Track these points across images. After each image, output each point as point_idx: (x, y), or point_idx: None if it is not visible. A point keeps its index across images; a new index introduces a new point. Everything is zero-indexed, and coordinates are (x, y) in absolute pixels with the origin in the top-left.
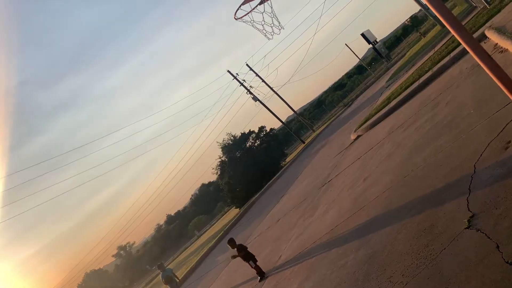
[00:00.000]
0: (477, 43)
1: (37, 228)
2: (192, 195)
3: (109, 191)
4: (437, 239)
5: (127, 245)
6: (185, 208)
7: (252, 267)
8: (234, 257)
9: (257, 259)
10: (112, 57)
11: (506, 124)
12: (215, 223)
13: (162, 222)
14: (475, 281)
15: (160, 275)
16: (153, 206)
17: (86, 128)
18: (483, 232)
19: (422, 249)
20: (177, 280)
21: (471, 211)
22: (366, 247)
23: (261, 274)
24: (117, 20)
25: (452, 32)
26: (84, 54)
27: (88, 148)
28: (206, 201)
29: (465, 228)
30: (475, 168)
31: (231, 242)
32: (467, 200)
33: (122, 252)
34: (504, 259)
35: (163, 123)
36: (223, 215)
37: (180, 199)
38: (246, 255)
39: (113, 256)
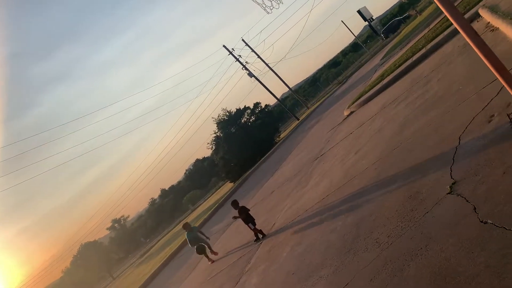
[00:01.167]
0: (465, 20)
1: (31, 201)
2: (186, 170)
3: (104, 165)
4: (421, 204)
5: (122, 218)
6: (179, 182)
7: (251, 229)
8: (235, 218)
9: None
10: (107, 29)
11: (491, 99)
12: (209, 197)
13: (156, 196)
14: (453, 239)
15: (186, 236)
16: (148, 180)
17: (81, 100)
18: (462, 197)
19: (407, 213)
20: (207, 239)
21: (453, 179)
22: (355, 213)
23: (257, 237)
24: None
25: (442, 9)
26: (79, 26)
27: (83, 121)
28: (201, 176)
29: (447, 194)
30: (460, 139)
31: (234, 204)
32: (451, 169)
33: (116, 225)
34: (479, 219)
35: (158, 97)
36: (217, 190)
37: (175, 174)
38: (247, 218)
39: (107, 229)
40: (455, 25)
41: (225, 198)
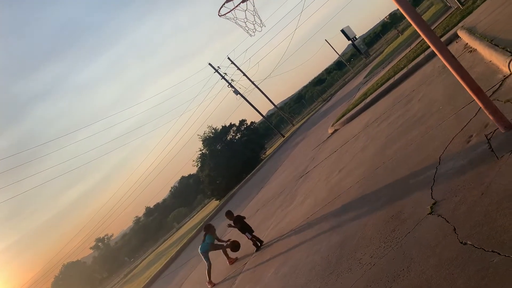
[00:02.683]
0: (442, 44)
1: (12, 220)
2: (171, 188)
3: (87, 184)
4: (403, 224)
5: (105, 237)
6: (164, 200)
7: (248, 238)
8: (230, 226)
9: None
10: (91, 48)
11: (470, 120)
12: (194, 215)
13: (141, 214)
14: (433, 259)
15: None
16: (132, 198)
17: (64, 119)
18: (443, 217)
19: (389, 234)
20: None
21: (434, 199)
22: (339, 233)
23: (256, 245)
24: (96, 10)
25: (420, 33)
26: (62, 44)
27: (65, 140)
28: (186, 194)
29: (428, 214)
30: (440, 160)
31: (229, 214)
32: (431, 189)
33: (100, 244)
34: (459, 240)
35: (143, 115)
36: (203, 207)
37: (160, 192)
38: (243, 227)
39: (91, 248)
40: (433, 48)
41: (211, 216)
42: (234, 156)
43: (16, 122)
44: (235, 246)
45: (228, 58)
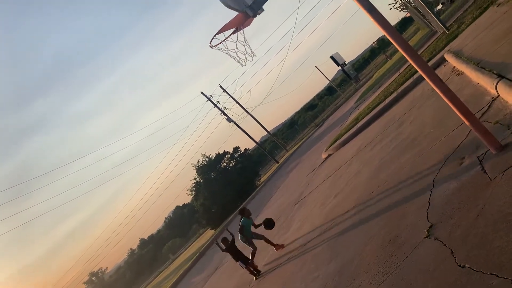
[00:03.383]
0: (429, 69)
1: (3, 256)
2: (166, 218)
3: (80, 217)
4: (400, 248)
5: (99, 271)
6: (159, 231)
7: (242, 268)
8: (224, 251)
9: (250, 258)
10: (83, 79)
11: (461, 142)
12: (190, 245)
13: (135, 246)
14: (432, 284)
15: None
16: (126, 230)
17: (57, 151)
18: (440, 240)
19: (387, 259)
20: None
21: (430, 222)
22: (337, 260)
23: (254, 274)
24: (89, 42)
25: (409, 60)
26: (55, 76)
27: (58, 172)
28: (181, 224)
29: (425, 238)
30: (434, 182)
31: (225, 241)
32: (427, 212)
33: (94, 278)
34: (457, 263)
35: (136, 145)
36: (198, 237)
37: (154, 223)
38: (236, 256)
39: (84, 283)
40: (421, 73)
41: (206, 246)
42: (228, 184)
43: (8, 155)
44: (269, 223)
45: (220, 86)
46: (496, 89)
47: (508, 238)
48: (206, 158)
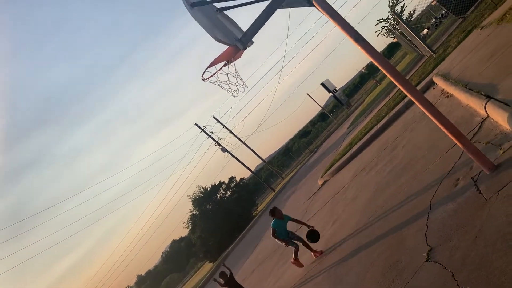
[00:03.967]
0: (419, 93)
1: None
2: (163, 253)
3: (76, 255)
4: (401, 274)
5: None
6: (156, 267)
7: None
8: (222, 286)
9: None
10: (76, 116)
11: (455, 163)
12: (188, 280)
13: (132, 283)
14: None
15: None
16: (123, 267)
17: (51, 189)
18: (440, 264)
19: (388, 284)
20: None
21: (429, 245)
22: None
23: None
24: (80, 78)
25: (398, 85)
26: (48, 114)
27: (52, 211)
28: (178, 258)
29: (425, 261)
30: (430, 205)
31: (222, 275)
32: (426, 235)
33: None
34: (459, 286)
35: (130, 180)
36: (196, 271)
37: (151, 258)
38: None
39: None
40: (411, 97)
41: (205, 280)
42: (225, 215)
43: (0, 195)
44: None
45: (214, 117)
46: (485, 110)
47: (508, 258)
48: (202, 190)
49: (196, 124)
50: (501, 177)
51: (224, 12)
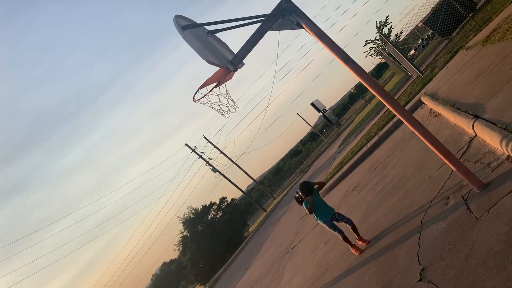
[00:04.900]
0: (408, 114)
1: None
2: (153, 276)
3: (64, 278)
4: None
5: None
6: None
7: None
8: None
9: None
10: (65, 138)
11: (445, 182)
12: None
13: None
14: None
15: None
16: None
17: (38, 212)
18: (433, 283)
19: None
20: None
21: (421, 265)
22: None
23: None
24: (70, 100)
25: (387, 105)
26: (36, 136)
27: (41, 234)
28: (169, 281)
29: (418, 281)
30: (422, 224)
31: None
32: (418, 255)
33: None
34: None
35: (120, 202)
36: None
37: (140, 282)
38: None
39: None
40: (400, 117)
41: None
42: (216, 236)
43: None
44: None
45: (204, 137)
46: (473, 129)
47: (500, 277)
48: (193, 211)
49: (186, 145)
50: (491, 195)
51: (215, 34)
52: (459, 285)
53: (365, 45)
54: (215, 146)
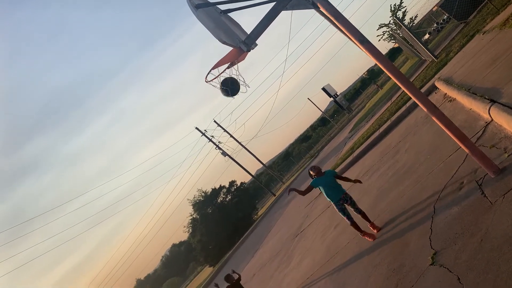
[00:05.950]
0: (424, 97)
1: None
2: (162, 257)
3: (75, 259)
4: (406, 277)
5: None
6: (155, 271)
7: None
8: None
9: None
10: (76, 120)
11: (459, 167)
12: (188, 284)
13: (131, 287)
14: None
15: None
16: (122, 271)
17: (51, 192)
18: (445, 267)
19: None
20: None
21: (433, 249)
22: None
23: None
24: (81, 82)
25: (402, 88)
26: (47, 117)
27: (52, 214)
28: (178, 262)
29: (430, 265)
30: (434, 208)
31: (228, 278)
32: (430, 239)
33: None
34: None
35: (131, 184)
36: (196, 276)
37: (150, 262)
38: None
39: None
40: (416, 101)
41: (205, 285)
42: (226, 219)
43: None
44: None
45: (215, 121)
46: (489, 113)
47: None
48: (202, 193)
49: (197, 128)
50: (506, 180)
51: (228, 14)
52: (472, 269)
53: (378, 29)
54: (225, 130)
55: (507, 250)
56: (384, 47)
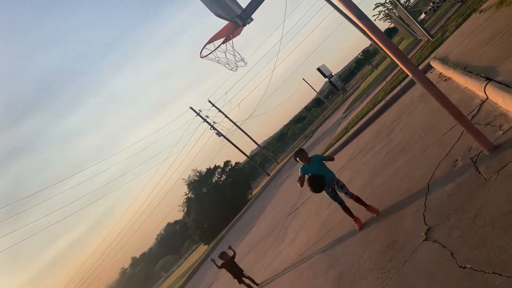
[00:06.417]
0: (422, 74)
1: None
2: (157, 235)
3: (70, 237)
4: (399, 253)
5: None
6: (150, 249)
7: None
8: (218, 267)
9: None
10: (70, 98)
11: (453, 145)
12: (183, 262)
13: (127, 265)
14: (435, 286)
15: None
16: (117, 249)
17: (45, 171)
18: (439, 243)
19: (386, 264)
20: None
21: (427, 225)
22: (335, 267)
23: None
24: (74, 61)
25: (400, 64)
26: (41, 96)
27: (47, 192)
28: (173, 241)
29: (423, 240)
30: (428, 186)
31: (223, 255)
32: (423, 215)
33: None
34: (458, 264)
35: (125, 162)
36: (191, 254)
37: (145, 240)
38: (234, 274)
39: None
40: (413, 78)
41: (200, 262)
42: (220, 198)
43: None
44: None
45: (209, 101)
46: (485, 91)
47: (508, 237)
48: (197, 173)
49: (191, 108)
50: (501, 157)
51: None
52: (466, 243)
53: (374, 8)
54: (219, 110)
55: (501, 225)
56: (380, 27)
